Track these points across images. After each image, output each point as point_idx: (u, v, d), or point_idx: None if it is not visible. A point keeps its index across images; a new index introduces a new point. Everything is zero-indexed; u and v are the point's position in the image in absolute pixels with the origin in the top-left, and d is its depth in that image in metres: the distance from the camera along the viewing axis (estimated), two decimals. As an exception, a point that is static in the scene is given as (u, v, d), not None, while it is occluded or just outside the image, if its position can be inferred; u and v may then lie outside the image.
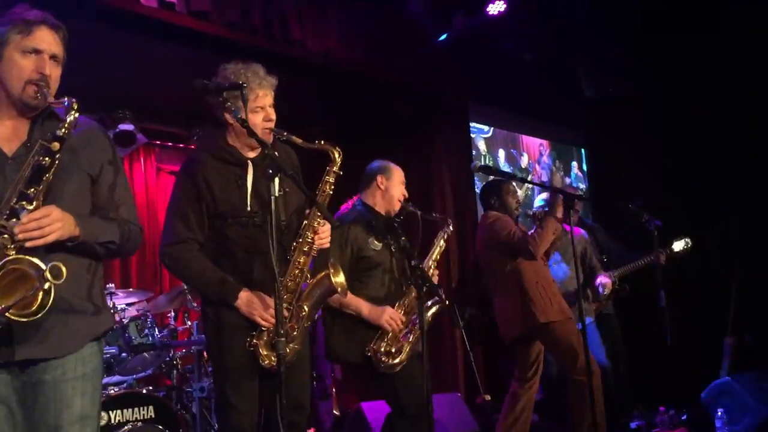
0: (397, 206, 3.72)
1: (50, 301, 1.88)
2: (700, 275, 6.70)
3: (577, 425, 4.30)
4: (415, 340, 3.51)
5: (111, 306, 4.55)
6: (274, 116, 2.85)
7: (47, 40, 2.10)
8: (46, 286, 1.86)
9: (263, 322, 2.74)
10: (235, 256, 2.79)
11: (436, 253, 3.88)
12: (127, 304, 4.78)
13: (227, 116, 2.77)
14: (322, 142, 2.92)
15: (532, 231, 4.39)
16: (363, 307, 3.49)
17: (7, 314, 1.84)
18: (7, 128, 2.11)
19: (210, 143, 2.89)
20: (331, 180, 2.96)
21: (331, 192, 2.97)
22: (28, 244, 1.90)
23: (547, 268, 4.62)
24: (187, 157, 2.93)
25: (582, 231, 5.42)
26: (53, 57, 2.12)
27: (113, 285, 4.72)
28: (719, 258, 6.56)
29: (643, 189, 6.90)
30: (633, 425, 5.52)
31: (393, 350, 3.49)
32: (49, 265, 1.87)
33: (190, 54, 5.28)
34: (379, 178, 3.72)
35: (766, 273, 6.30)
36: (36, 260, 1.87)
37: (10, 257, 1.87)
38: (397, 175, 3.75)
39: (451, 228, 4.01)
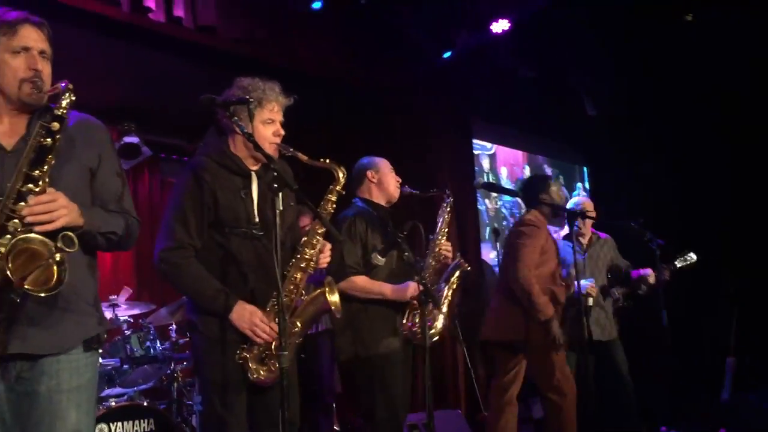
0: (395, 193, 3.77)
1: (66, 275, 1.88)
2: (703, 296, 6.70)
3: None
4: (423, 313, 3.40)
5: (113, 317, 4.56)
6: (283, 132, 2.86)
7: (33, 36, 2.11)
8: (58, 257, 1.87)
9: (256, 338, 2.68)
10: (231, 268, 2.74)
11: (443, 225, 3.90)
12: (130, 316, 4.77)
13: (234, 127, 2.75)
14: (327, 161, 2.89)
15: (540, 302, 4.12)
16: (386, 288, 3.51)
17: (25, 287, 1.84)
18: (5, 125, 2.13)
19: (213, 150, 2.83)
20: (333, 199, 2.93)
21: (332, 211, 2.95)
22: (37, 229, 1.90)
23: (560, 283, 4.41)
24: (191, 161, 2.86)
25: (606, 235, 5.35)
26: (42, 53, 2.13)
27: (116, 296, 4.72)
28: (721, 279, 6.55)
29: (646, 207, 6.91)
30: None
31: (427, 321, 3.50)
32: (61, 235, 1.88)
33: (196, 67, 5.33)
34: (369, 173, 3.76)
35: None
36: (45, 238, 1.88)
37: (20, 236, 1.87)
38: (384, 164, 3.81)
39: (450, 198, 3.99)
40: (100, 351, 2.29)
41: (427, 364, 3.09)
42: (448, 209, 3.96)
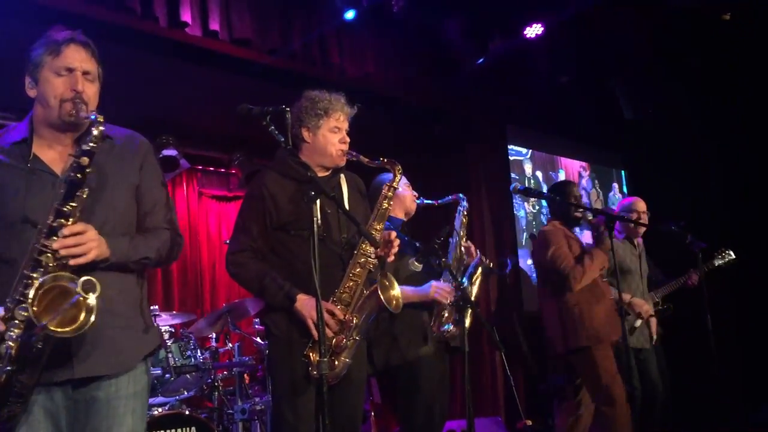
0: (412, 206, 3.87)
1: (93, 315, 1.88)
2: (746, 298, 6.56)
3: None
4: (463, 318, 3.49)
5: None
6: (348, 140, 3.03)
7: (77, 57, 2.13)
8: (90, 301, 1.88)
9: (314, 332, 2.76)
10: (295, 268, 2.87)
11: (461, 228, 3.94)
12: (171, 326, 4.83)
13: (304, 134, 2.98)
14: (384, 160, 3.10)
15: (582, 261, 4.27)
16: (408, 292, 3.54)
17: (50, 327, 1.86)
18: (56, 151, 2.17)
19: (278, 162, 3.01)
20: (390, 195, 3.09)
21: (389, 207, 3.09)
22: (71, 262, 1.93)
23: (601, 283, 4.44)
24: (257, 175, 3.08)
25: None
26: (86, 73, 2.14)
27: (157, 307, 4.78)
28: (765, 280, 6.42)
29: (686, 210, 6.80)
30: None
31: (449, 317, 3.59)
32: (82, 279, 1.88)
33: (232, 80, 5.39)
34: (385, 188, 3.78)
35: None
36: (74, 276, 1.90)
37: (49, 276, 1.90)
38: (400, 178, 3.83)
39: (465, 202, 4.02)
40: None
41: (466, 369, 3.09)
42: (464, 212, 4.00)
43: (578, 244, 4.45)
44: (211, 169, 6.99)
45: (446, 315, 3.60)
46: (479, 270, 3.93)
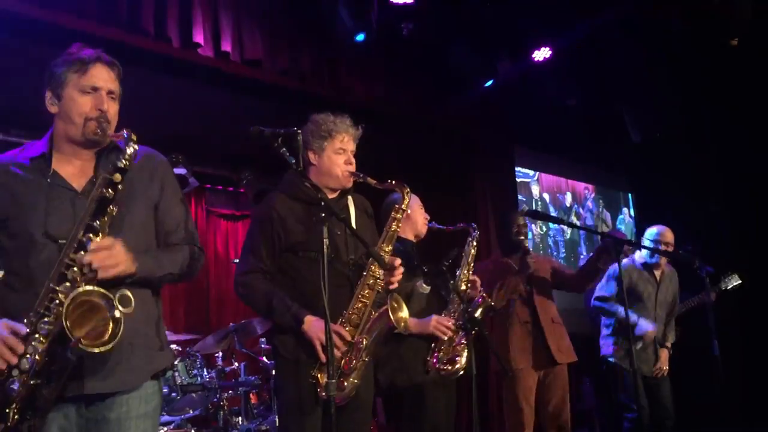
0: (423, 228, 3.84)
1: (121, 331, 1.90)
2: (754, 322, 6.53)
3: None
4: (470, 341, 3.46)
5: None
6: (354, 162, 3.04)
7: (103, 77, 2.16)
8: (117, 314, 1.89)
9: (322, 354, 2.76)
10: (303, 289, 2.87)
11: (469, 259, 3.90)
12: (178, 344, 4.84)
13: (310, 156, 3.00)
14: (393, 182, 3.09)
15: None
16: (408, 323, 3.47)
17: (80, 344, 1.86)
18: (75, 166, 2.18)
19: (287, 184, 3.03)
20: (400, 217, 3.09)
21: (398, 229, 3.09)
22: (100, 275, 1.93)
23: (516, 308, 4.48)
24: (267, 196, 3.09)
25: (672, 268, 5.21)
26: (110, 93, 2.17)
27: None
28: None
29: (693, 233, 6.80)
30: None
31: (450, 356, 3.56)
32: (118, 294, 1.90)
33: (243, 100, 5.43)
34: (395, 210, 3.78)
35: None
36: (105, 291, 1.91)
37: (81, 289, 1.91)
38: (414, 200, 3.81)
39: (476, 232, 4.00)
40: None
41: (474, 393, 3.08)
42: (474, 243, 3.97)
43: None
44: (220, 188, 7.03)
45: (443, 351, 3.58)
46: (480, 310, 3.85)
